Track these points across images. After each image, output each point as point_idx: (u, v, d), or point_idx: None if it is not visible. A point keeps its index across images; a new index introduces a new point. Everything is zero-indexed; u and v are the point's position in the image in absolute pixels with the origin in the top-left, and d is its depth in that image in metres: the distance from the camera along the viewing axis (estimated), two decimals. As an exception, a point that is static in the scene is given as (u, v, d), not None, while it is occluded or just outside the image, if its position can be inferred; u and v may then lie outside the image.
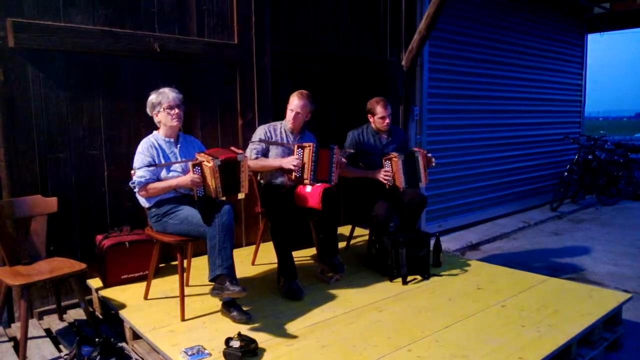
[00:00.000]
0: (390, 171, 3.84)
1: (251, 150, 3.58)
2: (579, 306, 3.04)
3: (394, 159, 3.82)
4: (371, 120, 4.07)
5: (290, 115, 3.62)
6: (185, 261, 3.30)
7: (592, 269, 4.94)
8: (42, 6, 3.24)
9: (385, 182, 3.85)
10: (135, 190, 3.03)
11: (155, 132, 3.19)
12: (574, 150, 8.51)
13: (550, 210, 7.72)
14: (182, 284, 2.94)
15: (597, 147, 8.55)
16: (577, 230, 6.62)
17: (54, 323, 3.22)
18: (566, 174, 7.84)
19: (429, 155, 3.94)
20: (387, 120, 3.99)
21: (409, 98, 5.63)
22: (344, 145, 4.02)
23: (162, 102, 3.08)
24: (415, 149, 3.92)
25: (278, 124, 3.74)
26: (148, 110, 3.16)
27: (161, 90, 3.13)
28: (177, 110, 3.11)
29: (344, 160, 3.77)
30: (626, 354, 3.15)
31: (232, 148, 3.10)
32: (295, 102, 3.59)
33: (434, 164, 3.96)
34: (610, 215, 7.58)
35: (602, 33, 9.55)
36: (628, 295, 3.24)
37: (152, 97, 3.13)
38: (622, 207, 8.16)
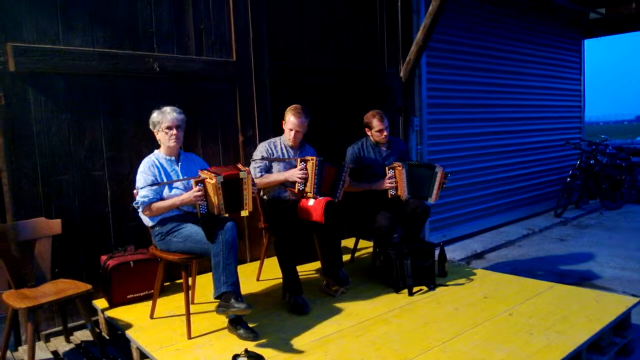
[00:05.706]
0: (394, 178, 3.85)
1: (254, 169, 3.58)
2: (587, 312, 3.02)
3: (398, 167, 3.84)
4: (369, 133, 4.08)
5: (290, 134, 3.62)
6: (190, 279, 3.30)
7: (599, 274, 4.91)
8: (41, 30, 3.28)
9: (390, 188, 3.86)
10: (139, 210, 3.03)
11: (156, 151, 3.20)
12: (575, 155, 8.50)
13: (554, 216, 7.69)
14: (188, 302, 2.93)
15: (599, 152, 8.55)
16: (582, 236, 6.58)
17: (61, 345, 3.22)
18: (569, 179, 7.82)
19: (448, 176, 3.92)
20: (385, 133, 4.00)
21: (409, 109, 5.66)
22: (345, 161, 4.03)
23: (162, 121, 3.09)
24: (438, 166, 3.89)
25: (277, 139, 3.75)
26: (150, 126, 3.17)
27: (164, 109, 3.14)
28: (175, 132, 3.10)
29: (348, 179, 3.74)
30: (638, 358, 3.11)
31: (239, 165, 3.10)
32: (292, 121, 3.59)
33: (444, 185, 3.93)
34: (615, 219, 7.54)
35: (598, 38, 9.59)
36: (636, 300, 3.22)
37: (154, 115, 3.14)
38: (626, 211, 8.13)
